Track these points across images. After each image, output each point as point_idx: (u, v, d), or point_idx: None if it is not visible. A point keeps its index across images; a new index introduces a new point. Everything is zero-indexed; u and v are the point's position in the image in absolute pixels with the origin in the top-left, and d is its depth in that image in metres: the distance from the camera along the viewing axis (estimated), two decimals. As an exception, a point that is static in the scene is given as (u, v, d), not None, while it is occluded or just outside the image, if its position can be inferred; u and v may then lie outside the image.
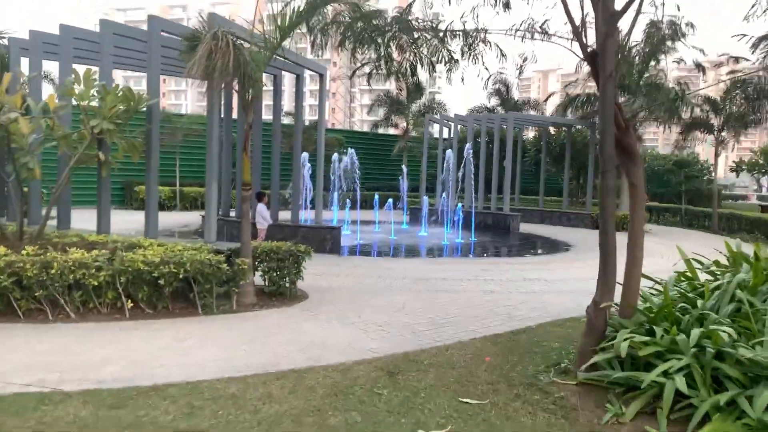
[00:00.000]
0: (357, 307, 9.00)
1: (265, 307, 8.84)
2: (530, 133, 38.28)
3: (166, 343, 6.92)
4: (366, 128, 37.45)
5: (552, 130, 31.17)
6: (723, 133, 25.14)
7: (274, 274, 9.44)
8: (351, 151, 19.86)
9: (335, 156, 21.99)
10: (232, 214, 16.40)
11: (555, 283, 11.69)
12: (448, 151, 21.41)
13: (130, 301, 8.10)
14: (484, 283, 11.36)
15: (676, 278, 6.78)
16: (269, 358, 6.45)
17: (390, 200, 22.26)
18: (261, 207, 14.18)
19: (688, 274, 6.93)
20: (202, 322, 7.90)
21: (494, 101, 36.23)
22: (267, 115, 22.04)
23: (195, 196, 28.48)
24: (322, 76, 15.21)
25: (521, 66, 8.46)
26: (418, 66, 8.38)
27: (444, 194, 22.95)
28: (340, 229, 15.20)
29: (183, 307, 8.50)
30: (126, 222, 18.19)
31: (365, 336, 7.44)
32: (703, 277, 6.86)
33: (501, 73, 32.47)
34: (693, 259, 7.07)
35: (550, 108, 39.45)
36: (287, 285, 9.48)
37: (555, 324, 8.28)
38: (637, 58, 21.75)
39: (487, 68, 8.01)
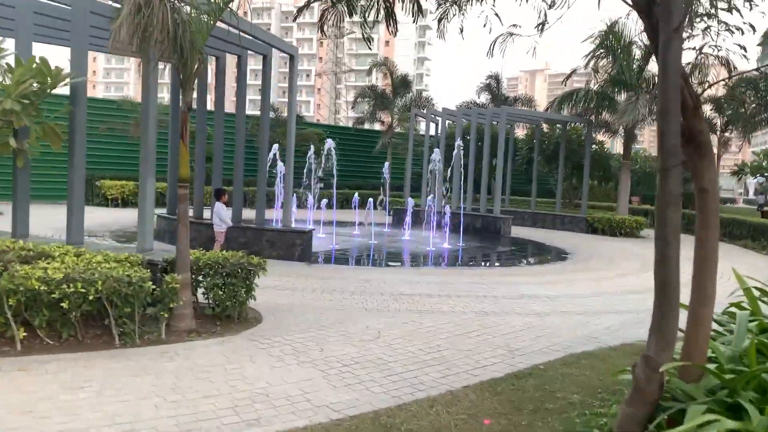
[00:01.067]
0: (321, 336, 7.23)
1: (204, 335, 7.03)
2: (521, 132, 36.69)
3: (51, 392, 5.09)
4: (352, 125, 35.61)
5: (545, 127, 29.55)
6: (726, 134, 23.69)
7: (220, 293, 7.62)
8: (329, 142, 18.00)
9: (311, 151, 20.17)
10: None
11: (558, 301, 10.00)
12: (435, 150, 19.70)
13: (23, 329, 6.26)
14: (475, 301, 9.63)
15: (734, 314, 5.07)
16: (185, 421, 4.65)
17: (371, 200, 20.50)
18: (219, 207, 12.37)
19: (745, 305, 5.25)
20: (113, 359, 6.06)
21: (484, 97, 34.62)
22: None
23: (163, 191, 26.43)
24: (292, 58, 13.39)
25: (541, 25, 6.65)
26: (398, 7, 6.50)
27: (430, 194, 21.23)
28: (312, 233, 13.42)
29: (97, 336, 6.67)
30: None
31: (325, 382, 5.67)
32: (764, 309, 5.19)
33: (511, 33, 30.72)
34: (755, 287, 5.37)
35: (542, 105, 37.87)
36: (235, 306, 7.66)
37: (568, 362, 6.57)
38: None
39: (498, 15, 6.25)
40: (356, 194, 20.68)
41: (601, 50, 22.66)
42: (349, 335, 7.32)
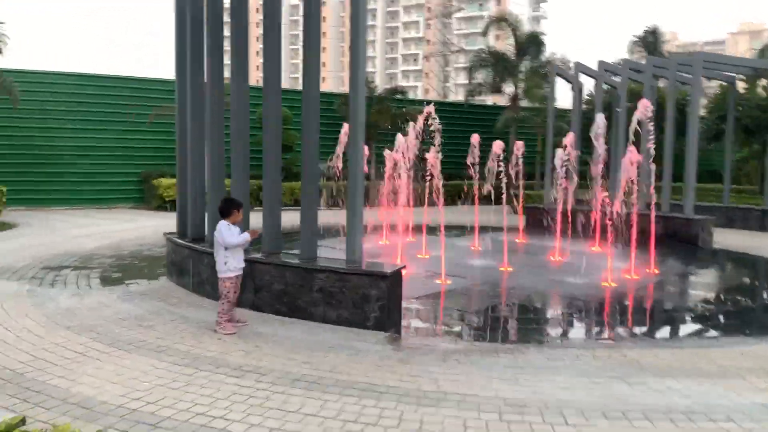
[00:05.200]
0: None
1: None
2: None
3: None
4: (464, 100, 28.61)
5: (741, 86, 21.12)
6: None
7: None
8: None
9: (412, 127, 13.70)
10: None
11: None
12: (599, 116, 12.63)
13: None
14: None
15: None
16: None
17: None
18: (223, 229, 6.41)
19: None
20: None
21: (637, 56, 26.53)
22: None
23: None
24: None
25: None
26: None
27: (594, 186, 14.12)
28: (399, 276, 6.96)
29: None
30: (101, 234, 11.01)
31: None
32: None
33: None
34: None
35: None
36: None
37: None
38: None
39: None
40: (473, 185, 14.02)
41: None
42: None
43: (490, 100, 36.14)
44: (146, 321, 6.88)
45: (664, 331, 7.57)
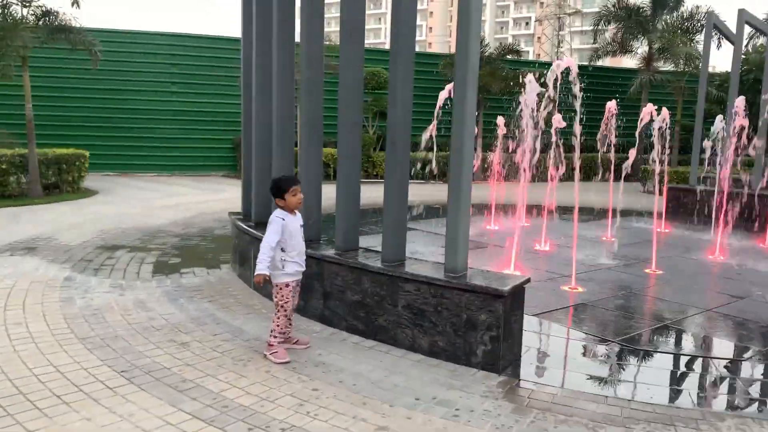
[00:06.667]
0: None
1: None
2: None
3: None
4: (580, 61, 25.17)
5: None
6: None
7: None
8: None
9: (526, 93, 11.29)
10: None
11: None
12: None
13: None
14: None
15: None
16: None
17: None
18: (276, 220, 4.61)
19: None
20: None
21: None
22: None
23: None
24: None
25: None
26: None
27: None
28: (521, 292, 4.86)
29: None
30: (180, 205, 9.91)
31: None
32: None
33: None
34: None
35: None
36: None
37: None
38: None
39: None
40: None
41: None
42: None
43: (611, 62, 32.25)
44: (184, 333, 5.30)
45: None
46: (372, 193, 9.04)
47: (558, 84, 6.94)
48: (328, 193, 6.52)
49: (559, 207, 11.13)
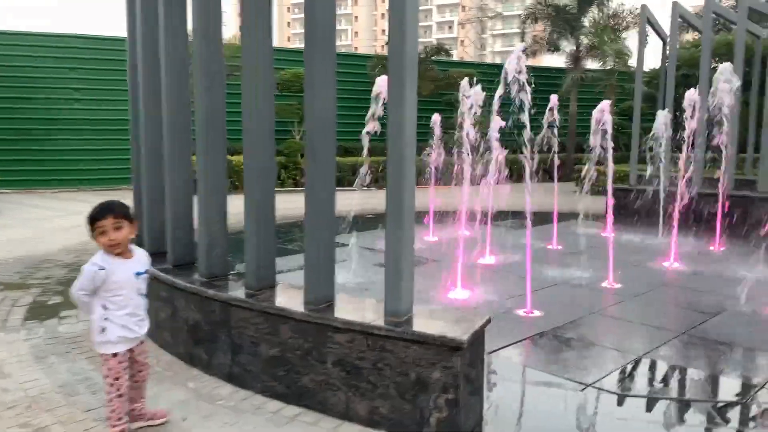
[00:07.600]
0: None
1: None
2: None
3: None
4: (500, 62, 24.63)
5: None
6: None
7: None
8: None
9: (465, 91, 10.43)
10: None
11: None
12: (726, 66, 9.13)
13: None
14: None
15: None
16: None
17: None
18: (88, 271, 3.45)
19: None
20: None
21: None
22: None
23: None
24: None
25: None
26: None
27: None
28: (477, 347, 3.78)
29: None
30: None
31: None
32: None
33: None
34: None
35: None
36: None
37: None
38: None
39: None
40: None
41: None
42: None
43: (539, 61, 32.26)
44: (44, 411, 3.98)
45: None
46: (300, 203, 7.85)
47: (508, 81, 6.04)
48: (237, 207, 5.29)
49: (499, 212, 10.32)
